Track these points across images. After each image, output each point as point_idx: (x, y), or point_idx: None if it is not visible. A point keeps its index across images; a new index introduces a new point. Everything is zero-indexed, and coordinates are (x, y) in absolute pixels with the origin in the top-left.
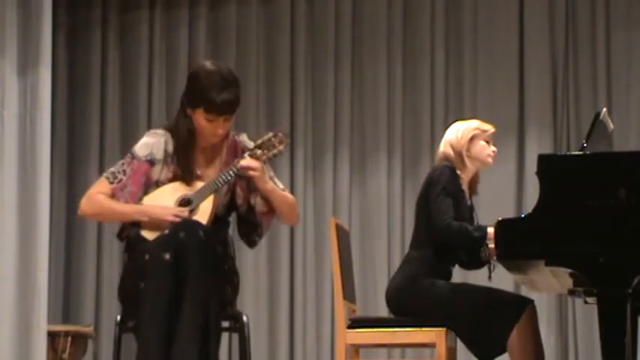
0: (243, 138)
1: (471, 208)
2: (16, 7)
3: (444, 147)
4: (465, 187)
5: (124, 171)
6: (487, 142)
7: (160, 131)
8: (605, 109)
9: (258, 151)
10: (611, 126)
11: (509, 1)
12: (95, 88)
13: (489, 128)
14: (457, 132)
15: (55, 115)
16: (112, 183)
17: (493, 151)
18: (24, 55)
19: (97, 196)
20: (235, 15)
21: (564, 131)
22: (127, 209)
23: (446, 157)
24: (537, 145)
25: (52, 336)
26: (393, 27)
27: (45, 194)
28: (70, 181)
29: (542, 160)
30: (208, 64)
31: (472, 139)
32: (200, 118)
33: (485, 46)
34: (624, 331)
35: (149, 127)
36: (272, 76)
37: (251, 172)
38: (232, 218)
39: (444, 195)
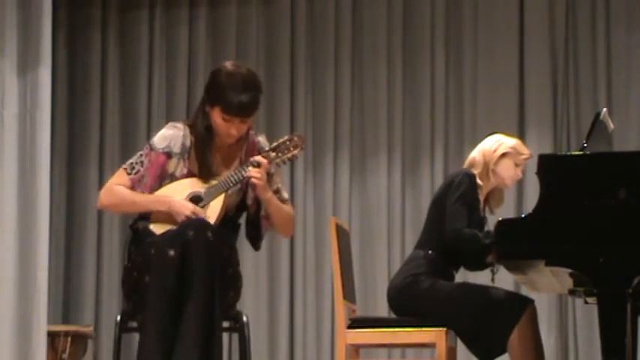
0: (261, 139)
1: (483, 220)
2: (16, 7)
3: (477, 153)
4: (481, 197)
5: (142, 162)
6: (517, 165)
7: (180, 125)
8: (605, 109)
9: (272, 154)
10: (611, 126)
11: (509, 1)
12: (95, 88)
13: (526, 153)
14: (494, 143)
15: (55, 115)
16: (129, 174)
17: (518, 175)
18: (24, 55)
19: (116, 187)
20: (235, 15)
21: (564, 131)
22: (147, 200)
23: (472, 164)
24: (537, 145)
25: (52, 336)
26: (393, 27)
27: (45, 194)
28: (70, 181)
29: (542, 160)
30: (232, 64)
31: (504, 155)
32: (216, 116)
33: (485, 46)
34: (624, 331)
35: (149, 126)
36: (272, 76)
37: (253, 180)
38: (242, 220)
39: (460, 202)
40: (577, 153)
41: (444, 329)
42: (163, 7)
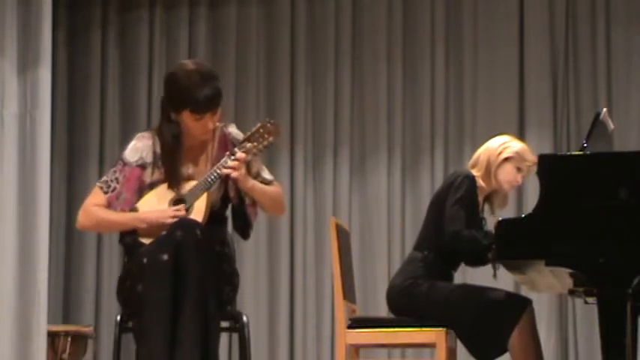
0: (232, 129)
1: (482, 221)
2: (16, 6)
3: (482, 153)
4: (480, 198)
5: (117, 179)
6: (520, 170)
7: (148, 134)
8: (605, 109)
9: (248, 144)
10: (611, 126)
11: (509, 2)
12: (95, 88)
13: (530, 160)
14: (500, 145)
15: (55, 115)
16: (106, 193)
17: (517, 181)
18: (24, 55)
19: (93, 208)
20: (235, 15)
21: (564, 131)
22: (124, 219)
23: (475, 163)
24: (537, 145)
25: (52, 336)
26: (393, 27)
27: (45, 194)
28: (70, 182)
29: (542, 160)
30: (184, 64)
31: (507, 159)
32: (187, 119)
33: (485, 46)
34: (624, 331)
35: (149, 126)
36: (272, 76)
37: (232, 175)
38: (229, 213)
39: (460, 204)
40: (577, 153)
41: (444, 329)
42: (163, 7)
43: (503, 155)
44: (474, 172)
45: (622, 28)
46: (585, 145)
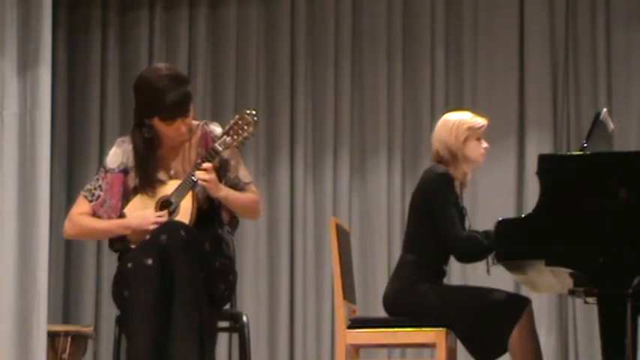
0: (213, 127)
1: (463, 210)
2: (16, 6)
3: (439, 147)
4: (457, 189)
5: (100, 186)
6: (479, 138)
7: (128, 138)
8: (605, 110)
9: (228, 138)
10: (611, 126)
11: (510, 1)
12: (95, 88)
13: (482, 123)
14: (451, 131)
15: (55, 115)
16: (90, 201)
17: (485, 148)
18: (24, 55)
19: (78, 217)
20: (235, 15)
21: (564, 131)
22: (108, 226)
23: (440, 159)
24: (537, 145)
25: (52, 336)
26: (393, 27)
27: (45, 194)
28: (70, 181)
29: (542, 160)
30: (150, 71)
31: (466, 139)
32: (159, 125)
33: (485, 46)
34: (624, 331)
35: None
36: (272, 76)
37: (203, 184)
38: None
39: (447, 206)
40: (577, 153)
41: (444, 329)
42: (163, 7)
43: (461, 138)
44: (443, 167)
45: (622, 27)
46: (585, 145)
